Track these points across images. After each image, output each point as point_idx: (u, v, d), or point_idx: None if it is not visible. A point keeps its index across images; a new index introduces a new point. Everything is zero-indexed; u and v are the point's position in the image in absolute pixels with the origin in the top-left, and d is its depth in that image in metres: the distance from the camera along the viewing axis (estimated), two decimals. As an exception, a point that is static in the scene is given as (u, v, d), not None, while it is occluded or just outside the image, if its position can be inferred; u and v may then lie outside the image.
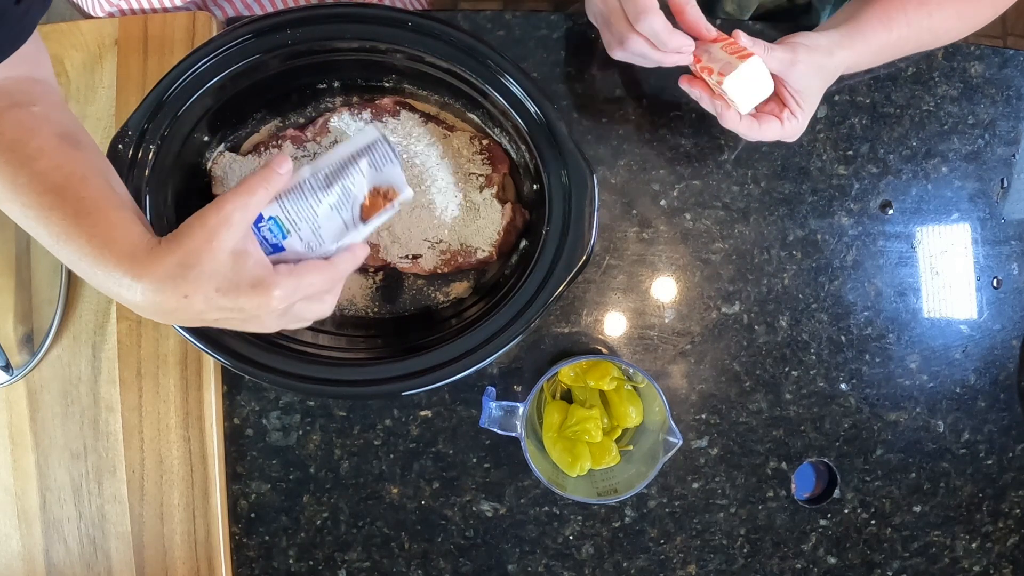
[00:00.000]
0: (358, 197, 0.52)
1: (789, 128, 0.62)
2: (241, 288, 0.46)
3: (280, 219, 0.50)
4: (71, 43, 0.70)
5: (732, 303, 0.72)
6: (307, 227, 0.50)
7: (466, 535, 0.72)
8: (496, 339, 0.60)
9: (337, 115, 0.67)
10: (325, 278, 0.50)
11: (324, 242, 0.51)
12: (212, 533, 0.69)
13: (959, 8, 0.65)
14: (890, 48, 0.65)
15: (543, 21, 0.72)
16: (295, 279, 0.48)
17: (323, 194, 0.50)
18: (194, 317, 0.47)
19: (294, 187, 0.50)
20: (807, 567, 0.73)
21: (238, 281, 0.46)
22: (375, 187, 0.52)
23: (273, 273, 0.47)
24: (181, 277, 0.45)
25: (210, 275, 0.45)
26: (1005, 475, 0.74)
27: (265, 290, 0.46)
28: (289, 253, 0.51)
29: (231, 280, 0.46)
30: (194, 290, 0.45)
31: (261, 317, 0.48)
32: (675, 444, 0.62)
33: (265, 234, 0.50)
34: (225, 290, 0.46)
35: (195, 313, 0.47)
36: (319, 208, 0.50)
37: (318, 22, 0.61)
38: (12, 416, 0.69)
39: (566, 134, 0.61)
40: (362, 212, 0.52)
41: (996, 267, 0.74)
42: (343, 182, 0.51)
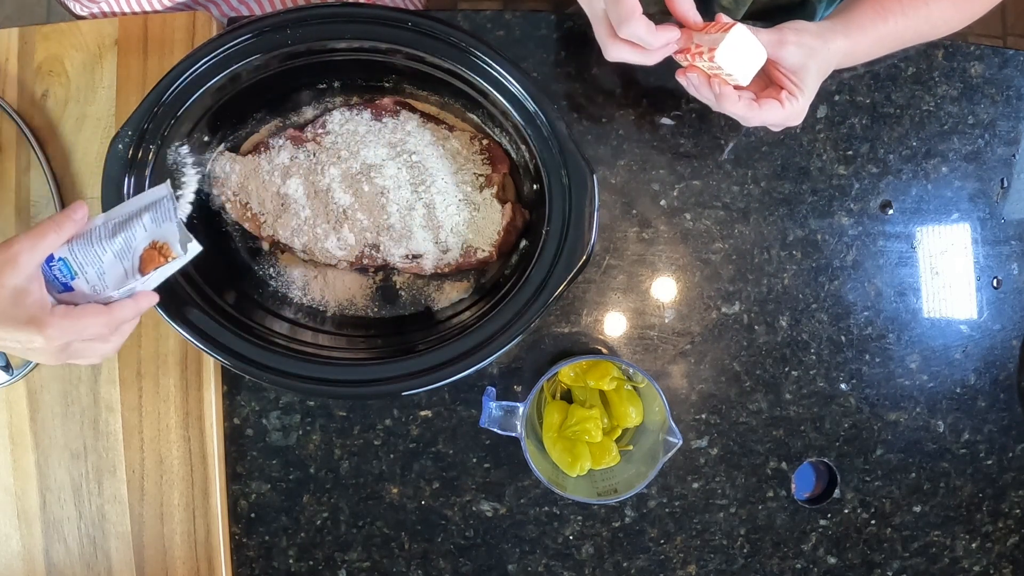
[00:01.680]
0: (137, 249, 0.55)
1: (790, 110, 0.61)
2: (17, 322, 0.50)
3: (69, 261, 0.54)
4: (71, 43, 0.70)
5: (732, 303, 0.72)
6: (93, 271, 0.54)
7: (466, 535, 0.72)
8: (496, 339, 0.60)
9: (337, 115, 0.67)
10: (101, 322, 0.53)
11: (108, 287, 0.54)
12: (212, 533, 0.69)
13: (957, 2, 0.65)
14: (888, 38, 0.65)
15: (543, 21, 0.72)
16: (70, 321, 0.52)
17: (108, 243, 0.54)
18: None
19: (86, 233, 0.54)
20: (807, 567, 0.73)
21: (15, 315, 0.50)
22: (153, 241, 0.55)
23: (50, 314, 0.51)
24: None
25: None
26: (1005, 475, 0.74)
27: (39, 327, 0.50)
28: (77, 294, 0.54)
29: (8, 314, 0.50)
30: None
31: (39, 350, 0.52)
32: (675, 444, 0.62)
33: (56, 273, 0.54)
34: (2, 323, 0.50)
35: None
36: (104, 255, 0.54)
37: (318, 22, 0.61)
38: (12, 416, 0.70)
39: (566, 134, 0.61)
40: (141, 264, 0.55)
41: (996, 267, 0.74)
42: (125, 233, 0.55)
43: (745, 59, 0.58)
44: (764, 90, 0.62)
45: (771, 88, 0.62)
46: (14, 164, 0.70)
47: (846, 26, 0.62)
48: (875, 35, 0.64)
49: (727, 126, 0.72)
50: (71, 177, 0.70)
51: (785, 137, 0.72)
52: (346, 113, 0.67)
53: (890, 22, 0.64)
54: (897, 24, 0.64)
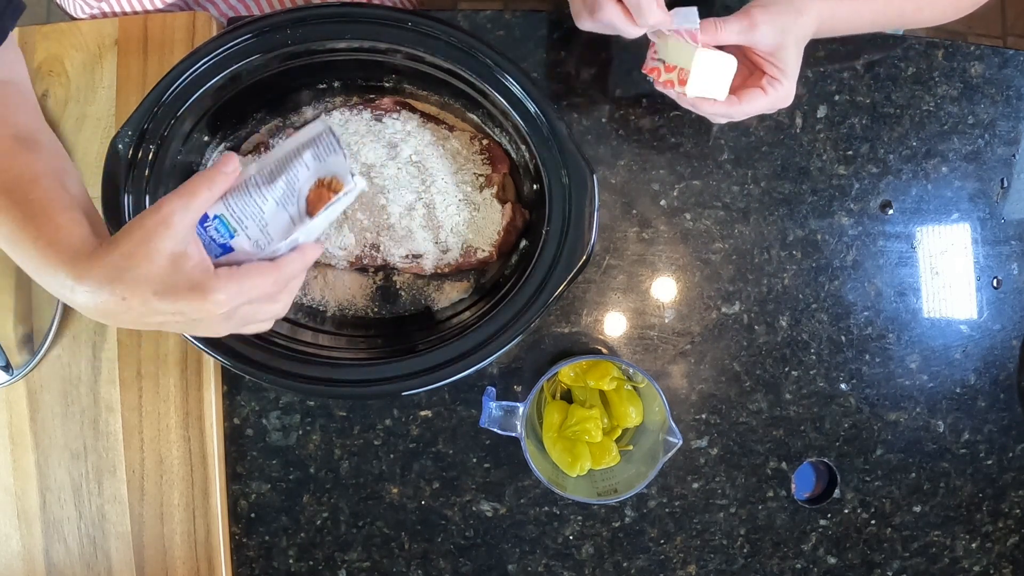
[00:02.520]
0: (303, 190, 0.50)
1: (774, 95, 0.60)
2: (179, 291, 0.45)
3: (226, 218, 0.49)
4: (71, 43, 0.70)
5: (732, 303, 0.72)
6: (254, 225, 0.49)
7: (466, 535, 0.72)
8: (496, 339, 0.60)
9: (337, 115, 0.67)
10: (270, 280, 0.48)
11: (272, 240, 0.50)
12: (212, 533, 0.69)
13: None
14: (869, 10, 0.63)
15: (543, 21, 0.72)
16: (237, 283, 0.47)
17: (268, 189, 0.49)
18: (136, 319, 0.46)
19: (240, 185, 0.49)
20: (807, 567, 0.73)
21: (176, 284, 0.45)
22: (319, 179, 0.51)
23: (214, 276, 0.46)
24: (118, 280, 0.45)
25: (146, 278, 0.45)
26: (1005, 475, 0.74)
27: (204, 294, 0.45)
28: (238, 253, 0.49)
29: (169, 283, 0.45)
30: (131, 293, 0.45)
31: (204, 321, 0.47)
32: (675, 444, 0.62)
33: (212, 234, 0.49)
34: (162, 293, 0.45)
35: (137, 315, 0.46)
36: (265, 205, 0.49)
37: (318, 22, 0.61)
38: (12, 416, 0.69)
39: (566, 134, 0.61)
40: (308, 206, 0.50)
41: (996, 267, 0.74)
42: (287, 175, 0.50)
43: (716, 78, 0.58)
44: (745, 80, 0.61)
45: (753, 76, 0.61)
46: (14, 164, 0.70)
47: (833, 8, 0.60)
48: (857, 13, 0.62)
49: (727, 126, 0.72)
50: (71, 177, 0.70)
51: (785, 137, 0.72)
52: (346, 113, 0.67)
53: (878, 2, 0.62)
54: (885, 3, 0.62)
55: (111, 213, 0.60)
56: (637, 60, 0.72)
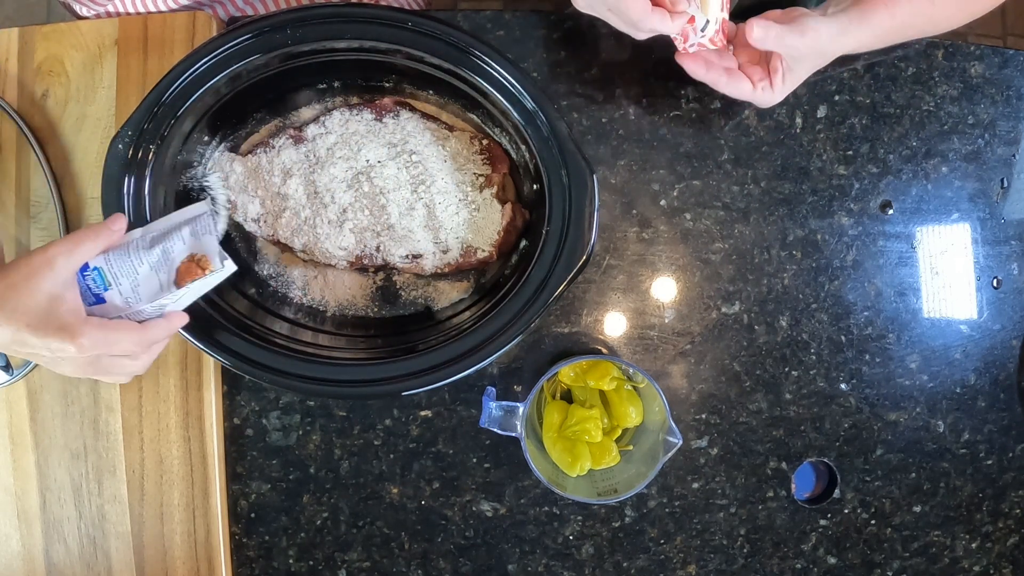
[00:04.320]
0: (175, 261, 0.55)
1: (760, 96, 0.61)
2: (50, 329, 0.49)
3: (104, 271, 0.53)
4: (71, 43, 0.70)
5: (732, 303, 0.72)
6: (128, 283, 0.53)
7: (466, 535, 0.72)
8: (496, 339, 0.60)
9: (337, 115, 0.67)
10: (134, 339, 0.52)
11: (141, 300, 0.54)
12: (212, 533, 0.69)
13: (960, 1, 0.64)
14: (891, 34, 0.64)
15: (543, 21, 0.72)
16: (103, 333, 0.50)
17: (146, 254, 0.54)
18: (6, 346, 0.50)
19: (123, 245, 0.54)
20: (807, 567, 0.73)
21: (48, 322, 0.49)
22: (192, 254, 0.56)
23: (84, 322, 0.50)
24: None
25: (23, 311, 0.48)
26: (1005, 475, 0.74)
27: (71, 336, 0.49)
28: (109, 306, 0.53)
29: (42, 320, 0.49)
30: (6, 320, 0.48)
31: (68, 360, 0.51)
32: (675, 444, 0.62)
33: (89, 283, 0.53)
34: (34, 327, 0.48)
35: (6, 343, 0.49)
36: (140, 267, 0.54)
37: (318, 22, 0.61)
38: (12, 416, 0.69)
39: (566, 134, 0.61)
40: (177, 277, 0.55)
41: (996, 267, 0.74)
42: (164, 245, 0.55)
43: None
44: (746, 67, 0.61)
45: (756, 66, 0.61)
46: (14, 164, 0.70)
47: (858, 24, 0.61)
48: (881, 31, 0.62)
49: (727, 126, 0.72)
50: (71, 177, 0.70)
51: (785, 137, 0.72)
52: (346, 113, 0.67)
53: (897, 19, 0.62)
54: (904, 20, 0.63)
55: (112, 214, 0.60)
56: (638, 61, 0.72)
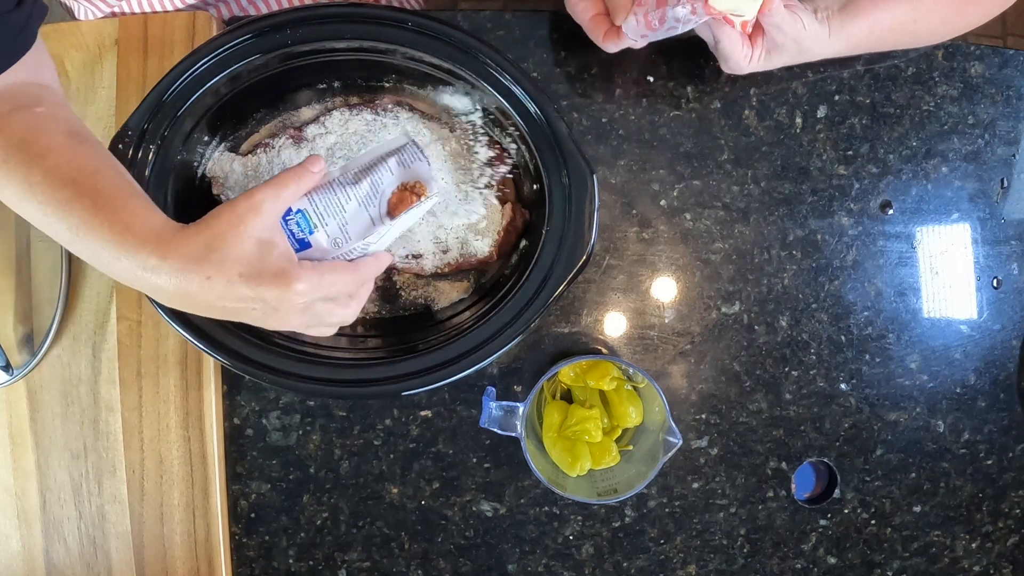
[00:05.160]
0: (386, 192, 0.52)
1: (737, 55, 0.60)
2: (264, 276, 0.46)
3: (308, 212, 0.50)
4: (71, 43, 0.70)
5: (732, 303, 0.72)
6: (334, 222, 0.51)
7: (466, 535, 0.72)
8: (496, 339, 0.60)
9: (337, 115, 0.67)
10: (348, 279, 0.50)
11: (350, 238, 0.51)
12: (212, 533, 0.69)
13: (946, 16, 0.66)
14: (865, 45, 0.66)
15: (543, 21, 0.72)
16: (319, 275, 0.47)
17: (352, 189, 0.51)
18: (213, 303, 0.47)
19: (324, 184, 0.51)
20: (807, 567, 0.73)
21: (262, 269, 0.46)
22: (403, 183, 0.53)
23: (298, 266, 0.47)
24: (205, 259, 0.45)
25: (235, 259, 0.45)
26: (1005, 475, 0.74)
27: (287, 281, 0.46)
28: (315, 250, 0.51)
29: (255, 267, 0.46)
30: (217, 272, 0.45)
31: (281, 311, 0.47)
32: (675, 444, 0.62)
33: (292, 228, 0.50)
34: (248, 276, 0.45)
35: (216, 298, 0.46)
36: (347, 204, 0.51)
37: (318, 22, 0.61)
38: (12, 416, 0.69)
39: (566, 134, 0.61)
40: (389, 207, 0.52)
41: (996, 267, 0.74)
42: (372, 177, 0.52)
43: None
44: None
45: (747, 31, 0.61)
46: (14, 164, 0.70)
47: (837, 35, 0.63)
48: (856, 40, 0.65)
49: (727, 126, 0.72)
50: (71, 177, 0.70)
51: (785, 137, 0.72)
52: (346, 113, 0.67)
53: (875, 33, 0.64)
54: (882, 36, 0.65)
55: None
56: (637, 61, 0.72)
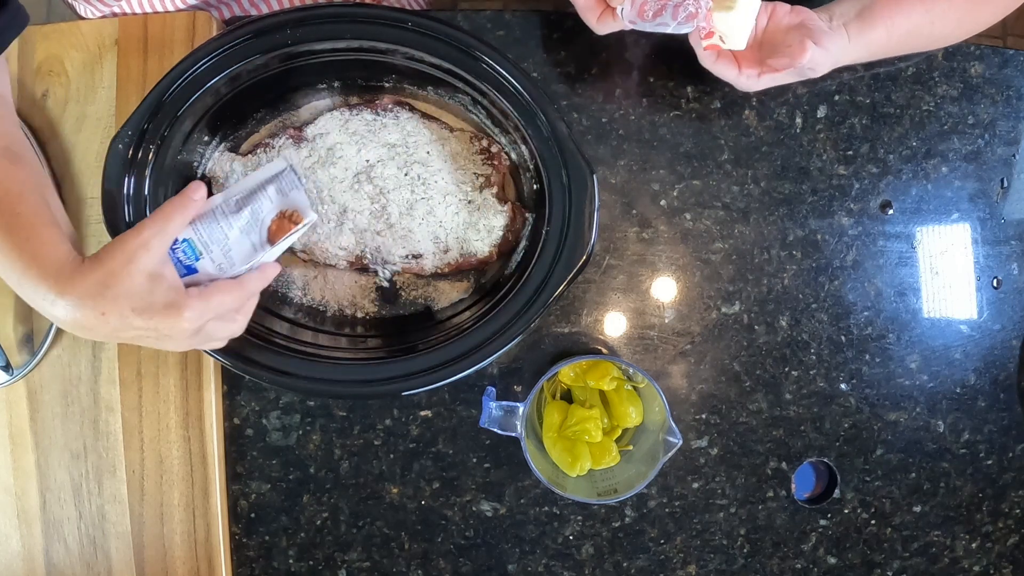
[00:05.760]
0: (265, 220, 0.55)
1: (742, 82, 0.62)
2: (155, 309, 0.49)
3: (193, 241, 0.53)
4: (71, 43, 0.70)
5: (732, 303, 0.72)
6: (218, 249, 0.54)
7: (466, 535, 0.72)
8: (496, 339, 0.60)
9: (337, 115, 0.67)
10: (233, 297, 0.53)
11: (235, 264, 0.54)
12: (212, 533, 0.69)
13: (960, 17, 0.66)
14: (884, 51, 0.66)
15: (543, 21, 0.72)
16: (204, 300, 0.51)
17: (233, 218, 0.54)
18: (111, 334, 0.50)
19: (207, 212, 0.54)
20: (807, 567, 0.73)
21: (152, 302, 0.49)
22: (281, 211, 0.56)
23: (185, 295, 0.50)
24: (100, 296, 0.48)
25: (127, 295, 0.48)
26: (1005, 475, 0.74)
27: (177, 311, 0.49)
28: (202, 275, 0.54)
29: (146, 301, 0.49)
30: (111, 308, 0.48)
31: (173, 336, 0.51)
32: (675, 444, 0.62)
33: (179, 256, 0.53)
34: (140, 310, 0.49)
35: (111, 330, 0.49)
36: (230, 232, 0.54)
37: (318, 22, 0.61)
38: (12, 416, 0.69)
39: (566, 134, 0.61)
40: (269, 235, 0.55)
41: (996, 267, 0.74)
42: (252, 206, 0.55)
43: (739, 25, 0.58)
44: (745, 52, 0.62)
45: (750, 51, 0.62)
46: (14, 164, 0.70)
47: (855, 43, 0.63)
48: (876, 48, 0.65)
49: (727, 126, 0.72)
50: (71, 177, 0.70)
51: (785, 137, 0.72)
52: (346, 113, 0.67)
53: (894, 39, 0.64)
54: (900, 40, 0.65)
55: (111, 213, 0.60)
56: (638, 61, 0.72)
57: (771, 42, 0.62)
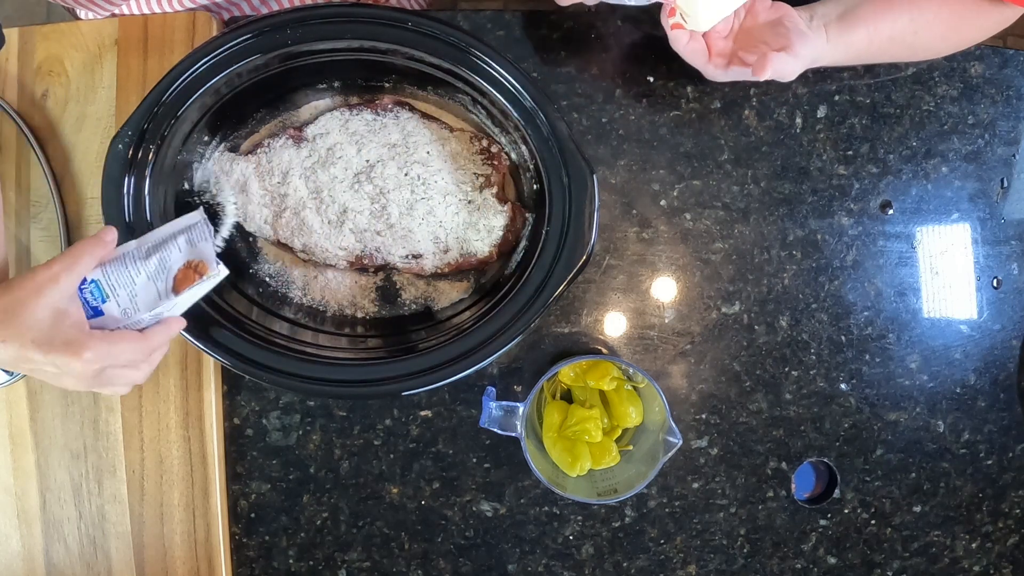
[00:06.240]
0: (172, 269, 0.56)
1: (709, 71, 0.62)
2: (55, 344, 0.49)
3: (101, 283, 0.53)
4: (71, 43, 0.70)
5: (732, 303, 0.72)
6: (125, 293, 0.54)
7: (466, 535, 0.72)
8: (496, 339, 0.60)
9: (337, 115, 0.67)
10: (137, 348, 0.52)
11: (139, 310, 0.54)
12: (212, 533, 0.69)
13: (944, 31, 0.65)
14: (865, 55, 0.66)
15: (543, 21, 0.72)
16: (107, 345, 0.50)
17: (142, 264, 0.55)
18: (8, 362, 0.50)
19: (118, 256, 0.55)
20: (807, 567, 0.73)
21: (52, 337, 0.49)
22: (188, 261, 0.56)
23: (88, 336, 0.50)
24: (3, 322, 0.48)
25: (29, 326, 0.48)
26: (1005, 475, 0.74)
27: (76, 350, 0.49)
28: (107, 318, 0.54)
29: (47, 334, 0.48)
30: (11, 337, 0.48)
31: (72, 375, 0.50)
32: (675, 444, 0.62)
33: (87, 296, 0.53)
34: (39, 343, 0.48)
35: (10, 359, 0.49)
36: (138, 277, 0.54)
37: (318, 22, 0.61)
38: (12, 416, 0.69)
39: (566, 134, 0.61)
40: (175, 284, 0.56)
41: (996, 267, 0.74)
42: (160, 254, 0.55)
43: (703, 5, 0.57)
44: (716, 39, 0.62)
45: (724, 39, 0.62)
46: (14, 164, 0.70)
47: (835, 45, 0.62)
48: (854, 53, 0.64)
49: (727, 126, 0.72)
50: (71, 177, 0.70)
51: (785, 137, 0.72)
52: (346, 113, 0.67)
53: (874, 45, 0.64)
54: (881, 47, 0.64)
55: (111, 214, 0.60)
56: (638, 61, 0.72)
57: (747, 35, 0.62)
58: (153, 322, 0.55)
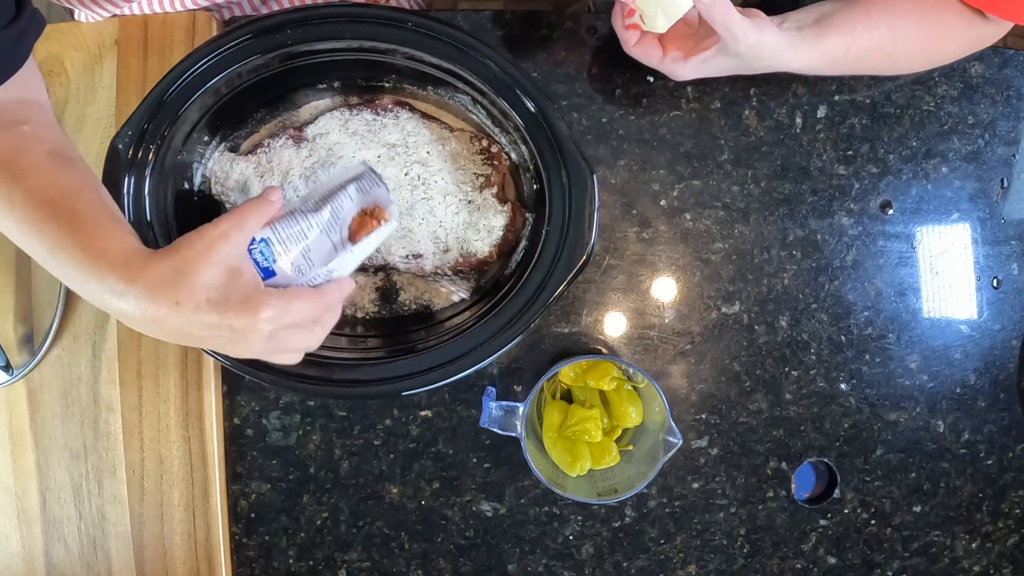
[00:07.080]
0: (346, 219, 0.53)
1: (668, 67, 0.61)
2: (231, 303, 0.45)
3: (271, 241, 0.51)
4: (71, 43, 0.70)
5: (732, 303, 0.72)
6: (297, 250, 0.51)
7: (466, 535, 0.72)
8: (496, 339, 0.60)
9: (337, 114, 0.67)
10: (313, 305, 0.50)
11: (314, 265, 0.52)
12: (212, 533, 0.69)
13: (924, 42, 0.64)
14: (843, 63, 0.63)
15: (543, 21, 0.72)
16: (283, 302, 0.47)
17: (313, 217, 0.52)
18: (180, 328, 0.46)
19: (286, 213, 0.52)
20: (807, 567, 0.73)
21: (229, 295, 0.46)
22: (363, 208, 0.54)
23: (264, 293, 0.47)
24: (175, 283, 0.45)
25: (204, 285, 0.45)
26: (1005, 475, 0.74)
27: (254, 309, 0.46)
28: (279, 278, 0.51)
29: (222, 293, 0.45)
30: (186, 297, 0.45)
31: (247, 338, 0.47)
32: (675, 444, 0.62)
33: (256, 256, 0.50)
34: (215, 302, 0.45)
35: (183, 324, 0.46)
36: (310, 231, 0.51)
37: (318, 22, 0.61)
38: (12, 416, 0.69)
39: (566, 134, 0.61)
40: (351, 233, 0.53)
41: (996, 267, 0.74)
42: (333, 204, 0.53)
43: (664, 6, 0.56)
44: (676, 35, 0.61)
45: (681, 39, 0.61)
46: (14, 164, 0.70)
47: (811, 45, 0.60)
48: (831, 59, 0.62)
49: (727, 126, 0.72)
50: (71, 177, 0.70)
51: (785, 137, 0.72)
52: (346, 113, 0.67)
53: (852, 52, 0.62)
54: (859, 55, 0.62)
55: (111, 213, 0.60)
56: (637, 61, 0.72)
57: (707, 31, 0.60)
58: (324, 280, 0.53)
